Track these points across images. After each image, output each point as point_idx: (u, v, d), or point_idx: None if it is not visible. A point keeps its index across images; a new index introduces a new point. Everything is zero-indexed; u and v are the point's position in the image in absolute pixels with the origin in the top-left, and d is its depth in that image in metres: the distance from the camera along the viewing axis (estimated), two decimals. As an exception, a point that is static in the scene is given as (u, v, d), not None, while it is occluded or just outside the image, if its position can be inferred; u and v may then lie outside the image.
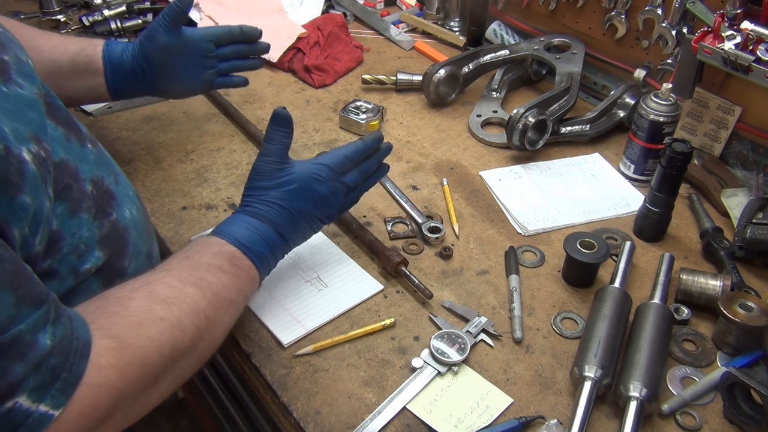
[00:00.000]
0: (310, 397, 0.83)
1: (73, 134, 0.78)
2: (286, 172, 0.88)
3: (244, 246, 0.82)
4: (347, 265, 1.01)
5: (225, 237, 0.83)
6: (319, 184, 0.89)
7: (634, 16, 1.31)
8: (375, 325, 0.91)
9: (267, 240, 0.85)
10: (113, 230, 0.80)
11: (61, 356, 0.59)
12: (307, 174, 0.89)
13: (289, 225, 0.87)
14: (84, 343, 0.62)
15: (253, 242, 0.83)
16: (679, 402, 0.83)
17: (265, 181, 0.88)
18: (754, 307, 0.87)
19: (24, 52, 0.76)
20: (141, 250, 0.86)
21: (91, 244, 0.76)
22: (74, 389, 0.59)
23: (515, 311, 0.94)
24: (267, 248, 0.85)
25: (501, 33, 1.57)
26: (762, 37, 1.04)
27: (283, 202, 0.87)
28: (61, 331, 0.60)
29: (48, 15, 1.59)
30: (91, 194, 0.77)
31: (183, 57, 1.11)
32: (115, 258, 0.80)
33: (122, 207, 0.83)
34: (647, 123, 1.13)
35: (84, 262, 0.74)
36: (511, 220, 1.12)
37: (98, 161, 0.82)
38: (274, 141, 0.89)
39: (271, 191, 0.87)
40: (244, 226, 0.84)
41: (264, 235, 0.85)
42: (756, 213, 1.01)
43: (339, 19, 1.61)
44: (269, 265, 0.87)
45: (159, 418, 1.91)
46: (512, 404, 0.83)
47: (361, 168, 0.95)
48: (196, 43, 1.13)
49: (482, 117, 1.36)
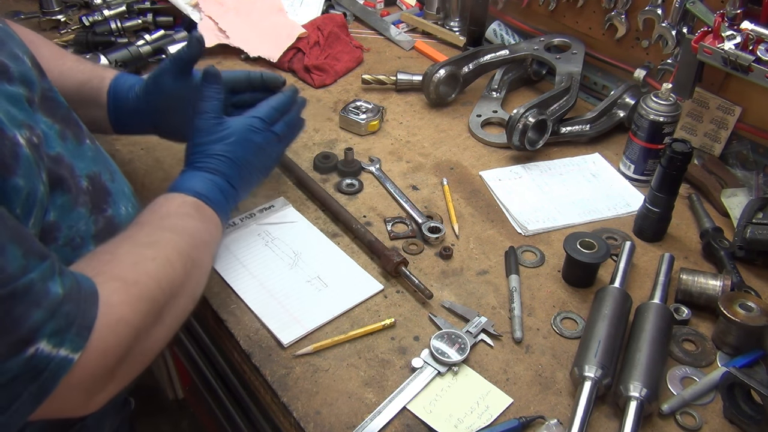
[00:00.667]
0: (310, 397, 0.83)
1: (71, 131, 0.79)
2: (224, 126, 0.93)
3: (204, 196, 0.87)
4: (347, 265, 1.01)
5: (183, 191, 0.87)
6: (255, 134, 0.95)
7: (634, 16, 1.31)
8: (375, 325, 0.91)
9: (221, 189, 0.90)
10: (108, 226, 0.81)
11: (73, 303, 0.61)
12: (243, 126, 0.94)
13: (236, 174, 0.92)
14: (91, 291, 0.64)
15: (210, 191, 0.88)
16: (679, 402, 0.83)
17: (207, 136, 0.92)
18: (754, 307, 0.87)
19: (23, 47, 0.76)
20: None
21: (87, 239, 0.77)
22: (89, 333, 0.62)
23: (515, 311, 0.94)
24: (222, 196, 0.90)
25: (501, 33, 1.57)
26: (762, 37, 1.04)
27: (226, 153, 0.91)
28: (69, 280, 0.62)
29: (48, 15, 1.59)
30: (87, 190, 0.78)
31: (191, 104, 0.97)
32: None
33: (118, 204, 0.84)
34: (647, 123, 1.13)
35: (78, 255, 0.75)
36: (511, 220, 1.12)
37: (96, 158, 0.83)
38: (209, 98, 0.93)
39: (215, 144, 0.91)
40: (198, 179, 0.89)
41: (217, 184, 0.89)
42: (756, 213, 1.01)
43: (339, 19, 1.61)
44: (227, 212, 0.92)
45: (159, 418, 1.91)
46: (512, 404, 0.83)
47: (286, 119, 1.00)
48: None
49: (482, 117, 1.36)
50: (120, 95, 1.02)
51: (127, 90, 1.02)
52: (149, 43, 1.46)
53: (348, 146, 1.22)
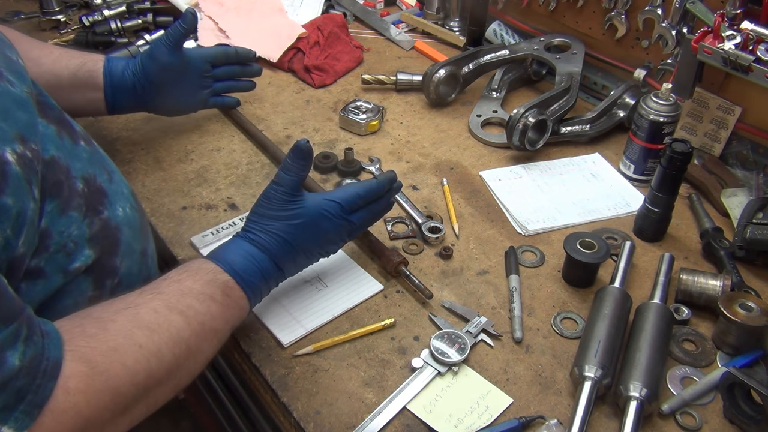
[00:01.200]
0: (310, 397, 0.83)
1: (66, 132, 0.77)
2: (296, 205, 0.86)
3: (239, 275, 0.81)
4: (347, 265, 1.01)
5: (221, 264, 0.81)
6: (326, 220, 0.88)
7: (634, 16, 1.31)
8: (375, 325, 0.91)
9: (262, 270, 0.83)
10: (104, 228, 0.79)
11: (29, 377, 0.57)
12: (316, 210, 0.87)
13: (287, 257, 0.86)
14: (54, 364, 0.60)
15: (249, 272, 0.82)
16: (679, 402, 0.83)
17: (272, 210, 0.86)
18: (754, 307, 0.87)
19: (15, 52, 0.75)
20: (134, 248, 0.85)
21: (81, 243, 0.75)
22: (39, 411, 0.58)
23: (515, 311, 0.94)
24: (261, 278, 0.83)
25: (501, 33, 1.57)
26: (762, 37, 1.04)
27: (286, 235, 0.85)
28: (31, 350, 0.58)
29: (48, 15, 1.59)
30: (82, 192, 0.76)
31: (182, 76, 1.15)
32: (106, 256, 0.79)
33: (115, 205, 0.82)
34: (647, 123, 1.13)
35: (73, 260, 0.74)
36: (511, 220, 1.12)
37: (91, 159, 0.81)
38: (290, 172, 0.86)
39: (276, 222, 0.85)
40: (241, 254, 0.83)
41: (260, 265, 0.83)
42: (756, 213, 1.01)
43: (339, 19, 1.61)
44: (261, 294, 0.85)
45: (159, 418, 1.91)
46: (512, 404, 0.83)
47: (370, 208, 0.94)
48: (195, 63, 1.17)
49: (482, 117, 1.36)
50: (115, 74, 1.09)
51: (122, 70, 1.10)
52: (149, 43, 1.46)
53: (348, 146, 1.22)
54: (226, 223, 1.07)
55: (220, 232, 1.05)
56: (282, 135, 1.30)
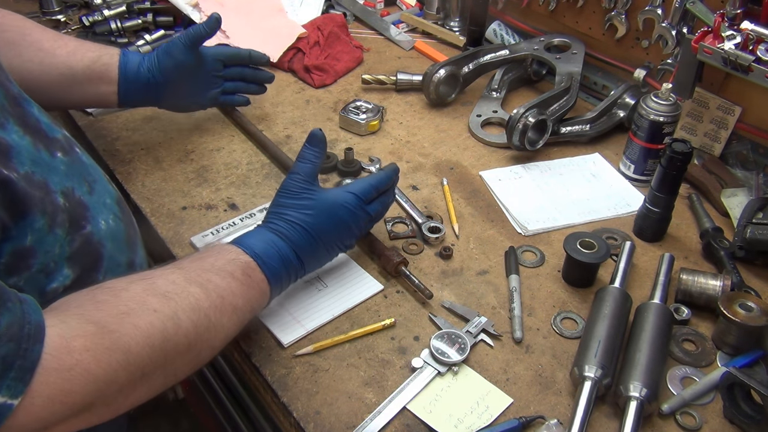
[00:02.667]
0: (310, 397, 0.83)
1: (42, 143, 0.74)
2: (313, 194, 0.88)
3: (260, 258, 0.81)
4: (347, 265, 1.01)
5: (242, 246, 0.81)
6: (345, 211, 0.89)
7: (634, 16, 1.31)
8: (375, 325, 0.91)
9: (283, 257, 0.84)
10: (85, 245, 0.77)
11: (12, 343, 0.56)
12: (333, 200, 0.89)
13: (307, 247, 0.86)
14: (36, 327, 0.58)
15: (270, 256, 0.82)
16: (679, 402, 0.83)
17: (290, 199, 0.88)
18: (754, 307, 0.87)
19: None
20: (119, 261, 0.83)
21: (60, 262, 0.73)
22: (31, 376, 0.56)
23: (515, 311, 0.94)
24: (282, 265, 0.83)
25: (501, 33, 1.57)
26: (762, 37, 1.04)
27: (305, 225, 0.86)
28: (7, 318, 0.57)
29: (48, 15, 1.59)
30: (64, 207, 0.73)
31: (195, 75, 1.16)
32: (87, 274, 0.77)
33: (97, 218, 0.80)
34: (647, 123, 1.13)
35: (51, 281, 0.72)
36: (511, 220, 1.12)
37: (69, 171, 0.78)
38: (305, 160, 0.89)
39: (294, 211, 0.87)
40: (263, 240, 0.83)
41: (281, 252, 0.84)
42: (756, 213, 1.01)
43: (339, 19, 1.61)
44: (282, 283, 0.85)
45: (159, 418, 1.91)
46: (512, 404, 0.83)
47: (381, 199, 0.96)
48: (208, 62, 1.17)
49: (482, 117, 1.36)
50: (130, 69, 1.09)
51: (137, 65, 1.10)
52: (149, 43, 1.46)
53: (348, 146, 1.22)
54: (226, 223, 1.07)
55: (220, 232, 1.05)
56: (282, 135, 1.30)
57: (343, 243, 0.92)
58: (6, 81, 0.75)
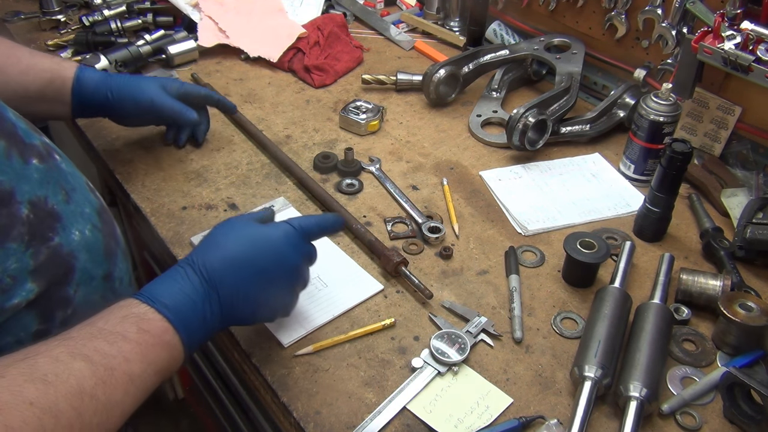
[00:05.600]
0: (310, 397, 0.83)
1: (16, 150, 0.71)
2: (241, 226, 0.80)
3: (159, 302, 0.69)
4: (347, 265, 1.01)
5: (139, 296, 0.70)
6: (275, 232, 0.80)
7: (634, 16, 1.31)
8: (375, 325, 0.91)
9: (187, 291, 0.71)
10: (52, 257, 0.72)
11: None
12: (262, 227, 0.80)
13: (220, 268, 0.74)
14: None
15: (171, 294, 0.70)
16: (679, 402, 0.83)
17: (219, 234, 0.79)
18: (754, 307, 0.87)
19: None
20: (94, 274, 0.78)
21: (21, 276, 0.68)
22: None
23: (515, 311, 0.94)
24: (189, 301, 0.70)
25: (501, 33, 1.57)
26: (762, 37, 1.04)
27: (215, 245, 0.76)
28: None
29: (48, 15, 1.59)
30: (26, 219, 0.69)
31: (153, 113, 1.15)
32: (55, 287, 0.73)
33: (69, 229, 0.75)
34: (647, 123, 1.13)
35: (10, 297, 0.67)
36: (511, 220, 1.12)
37: (44, 179, 0.73)
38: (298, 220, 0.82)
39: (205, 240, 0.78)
40: (165, 278, 0.73)
41: (185, 283, 0.71)
42: (756, 213, 1.01)
43: (339, 19, 1.61)
44: (196, 325, 0.71)
45: (159, 418, 1.92)
46: (512, 404, 0.83)
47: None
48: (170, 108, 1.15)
49: (482, 117, 1.36)
50: (85, 93, 1.08)
51: (93, 89, 1.08)
52: (149, 43, 1.46)
53: (348, 146, 1.22)
54: (226, 223, 1.07)
55: (220, 232, 1.05)
56: (282, 135, 1.30)
57: (284, 271, 0.79)
58: None
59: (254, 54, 1.51)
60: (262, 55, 1.51)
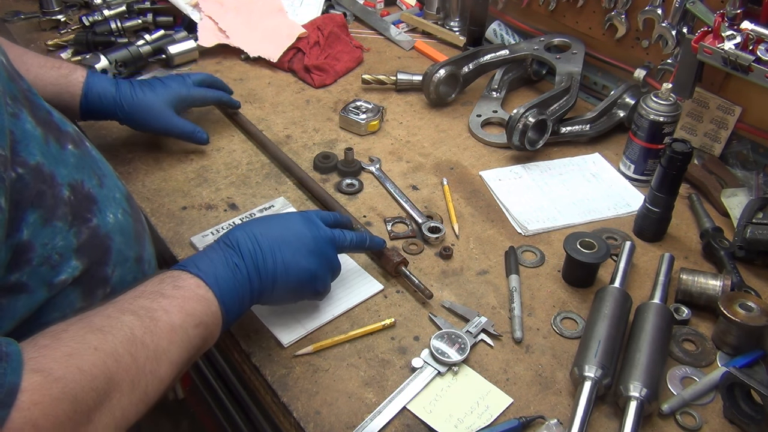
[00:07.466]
0: (310, 397, 0.83)
1: (52, 135, 0.75)
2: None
3: (189, 265, 0.77)
4: (347, 265, 1.01)
5: (173, 267, 0.78)
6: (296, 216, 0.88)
7: (634, 16, 1.31)
8: (375, 325, 0.91)
9: (214, 257, 0.79)
10: (93, 237, 0.77)
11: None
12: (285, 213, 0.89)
13: (242, 237, 0.81)
14: (9, 390, 0.55)
15: (198, 260, 0.78)
16: (679, 402, 0.83)
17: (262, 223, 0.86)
18: (754, 307, 0.87)
19: None
20: (127, 255, 0.83)
21: (67, 254, 0.72)
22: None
23: (515, 311, 0.94)
24: (215, 264, 0.78)
25: (501, 33, 1.57)
26: (762, 37, 1.04)
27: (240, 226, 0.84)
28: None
29: (48, 15, 1.59)
30: (68, 200, 0.73)
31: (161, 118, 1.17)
32: (96, 266, 0.77)
33: (105, 212, 0.80)
34: (647, 123, 1.13)
35: (58, 273, 0.72)
36: (511, 220, 1.12)
37: (79, 164, 0.78)
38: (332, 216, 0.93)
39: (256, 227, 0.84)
40: (198, 253, 0.81)
41: (210, 250, 0.80)
42: (756, 213, 1.01)
43: (339, 19, 1.61)
44: (224, 280, 0.78)
45: (159, 418, 1.91)
46: (512, 404, 0.83)
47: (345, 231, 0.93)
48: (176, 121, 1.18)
49: (482, 117, 1.36)
50: (93, 111, 1.11)
51: (100, 107, 1.11)
52: (149, 43, 1.46)
53: (348, 146, 1.22)
54: (226, 223, 1.07)
55: (220, 232, 1.05)
56: (282, 135, 1.30)
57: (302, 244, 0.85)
58: (16, 76, 0.75)
59: (254, 54, 1.51)
60: (262, 55, 1.51)
